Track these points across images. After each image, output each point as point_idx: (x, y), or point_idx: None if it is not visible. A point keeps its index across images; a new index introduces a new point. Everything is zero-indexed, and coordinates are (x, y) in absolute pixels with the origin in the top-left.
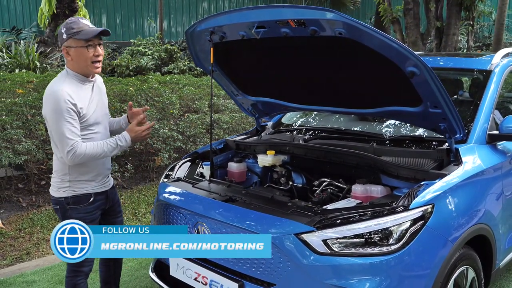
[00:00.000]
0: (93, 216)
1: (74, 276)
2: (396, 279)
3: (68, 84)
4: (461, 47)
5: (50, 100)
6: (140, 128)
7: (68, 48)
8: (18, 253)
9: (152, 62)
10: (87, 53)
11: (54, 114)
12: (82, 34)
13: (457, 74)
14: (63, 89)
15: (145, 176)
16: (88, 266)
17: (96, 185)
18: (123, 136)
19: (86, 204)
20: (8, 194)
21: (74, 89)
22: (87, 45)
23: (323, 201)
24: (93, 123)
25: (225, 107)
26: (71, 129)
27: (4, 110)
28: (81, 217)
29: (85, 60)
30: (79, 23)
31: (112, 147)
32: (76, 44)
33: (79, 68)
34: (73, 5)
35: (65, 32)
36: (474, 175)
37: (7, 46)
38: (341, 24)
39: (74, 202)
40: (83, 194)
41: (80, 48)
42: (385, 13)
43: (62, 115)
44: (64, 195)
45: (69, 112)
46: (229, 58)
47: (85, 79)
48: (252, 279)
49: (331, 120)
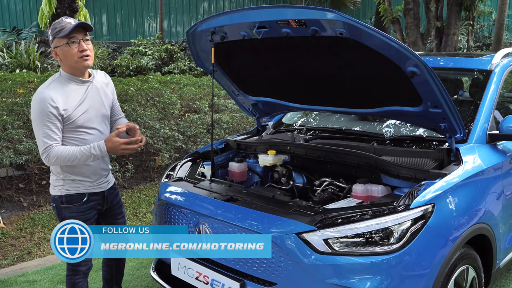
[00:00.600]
0: (87, 216)
1: (73, 275)
2: (397, 278)
3: (54, 87)
4: (461, 47)
5: (33, 102)
6: (119, 140)
7: (56, 49)
8: (19, 253)
9: (152, 62)
10: (71, 50)
11: (34, 117)
12: (63, 31)
13: (457, 74)
14: (46, 92)
15: (145, 176)
16: (86, 265)
17: (90, 185)
18: (98, 145)
19: (79, 203)
20: (9, 194)
21: (61, 92)
22: (70, 42)
23: (324, 200)
24: (82, 125)
25: (226, 107)
26: (48, 132)
27: (5, 110)
28: (73, 216)
29: (71, 57)
30: (62, 22)
31: (86, 154)
32: (60, 43)
33: (70, 67)
34: (73, 5)
35: (50, 33)
36: (475, 175)
37: (7, 46)
38: (342, 24)
39: (67, 201)
40: (76, 194)
41: (64, 46)
42: (385, 13)
43: (41, 118)
44: (58, 193)
45: (49, 115)
46: (230, 58)
47: (78, 79)
48: (253, 278)
49: (331, 120)
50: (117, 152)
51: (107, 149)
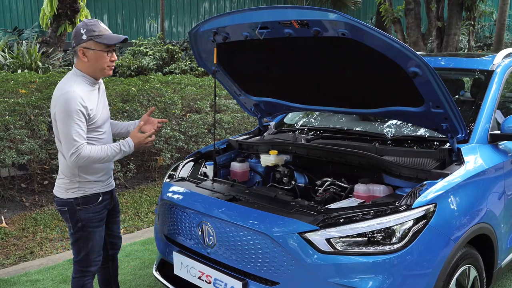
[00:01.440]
0: (101, 216)
1: (82, 276)
2: (399, 277)
3: (79, 86)
4: (462, 47)
5: (61, 100)
6: (143, 135)
7: (86, 50)
8: (21, 252)
9: (153, 62)
10: (105, 58)
11: (64, 115)
12: (104, 38)
13: (458, 74)
14: (75, 90)
15: (147, 176)
16: (96, 265)
17: (103, 185)
18: (126, 141)
19: (95, 203)
20: (11, 193)
21: (85, 91)
22: (108, 50)
23: (325, 200)
24: (100, 125)
25: (227, 107)
26: (78, 131)
27: (7, 110)
28: (90, 217)
29: (102, 64)
30: (100, 26)
31: (115, 151)
32: (96, 47)
33: (93, 71)
34: (74, 5)
35: (85, 33)
36: (476, 175)
37: (9, 47)
38: (344, 25)
39: (83, 202)
40: (92, 194)
41: (100, 51)
42: (386, 13)
43: (72, 117)
44: (73, 196)
45: (79, 114)
46: (232, 59)
47: (93, 81)
48: (256, 278)
49: (333, 120)
50: (142, 146)
51: (134, 144)
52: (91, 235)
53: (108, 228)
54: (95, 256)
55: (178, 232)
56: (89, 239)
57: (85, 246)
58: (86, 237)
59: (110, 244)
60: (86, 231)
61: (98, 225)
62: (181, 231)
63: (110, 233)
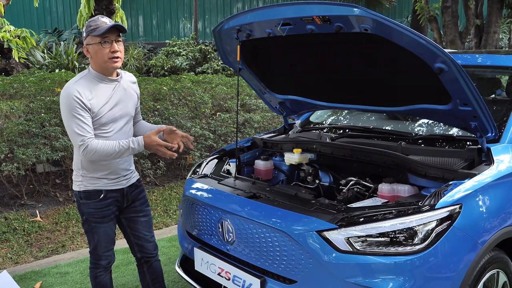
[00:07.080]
0: (104, 213)
1: (94, 268)
2: (421, 279)
3: (82, 82)
4: (503, 46)
5: (61, 97)
6: (156, 140)
7: (88, 46)
8: (54, 246)
9: (186, 62)
10: (102, 50)
11: (64, 110)
12: (98, 30)
13: (495, 72)
14: (73, 86)
15: (176, 174)
16: (106, 260)
17: (108, 182)
18: (137, 139)
19: (97, 200)
20: (46, 189)
21: (90, 87)
22: (103, 41)
23: (348, 199)
24: (106, 123)
25: (257, 107)
26: (81, 125)
27: (44, 108)
28: (91, 212)
29: (102, 57)
30: (97, 20)
31: (124, 148)
32: (93, 41)
33: (98, 66)
34: (110, 6)
35: (85, 30)
36: (507, 175)
37: (48, 47)
38: (367, 20)
39: (85, 197)
40: (93, 190)
41: (96, 44)
42: (422, 12)
43: (71, 111)
44: (77, 189)
45: (76, 109)
46: (256, 56)
47: (106, 78)
48: (274, 276)
49: (360, 118)
50: (151, 149)
51: (144, 144)
52: (95, 229)
53: (131, 228)
54: (102, 251)
55: (199, 228)
56: (94, 233)
57: (92, 239)
58: (91, 231)
59: (137, 246)
60: (90, 225)
61: (102, 221)
62: (202, 228)
63: (135, 233)
